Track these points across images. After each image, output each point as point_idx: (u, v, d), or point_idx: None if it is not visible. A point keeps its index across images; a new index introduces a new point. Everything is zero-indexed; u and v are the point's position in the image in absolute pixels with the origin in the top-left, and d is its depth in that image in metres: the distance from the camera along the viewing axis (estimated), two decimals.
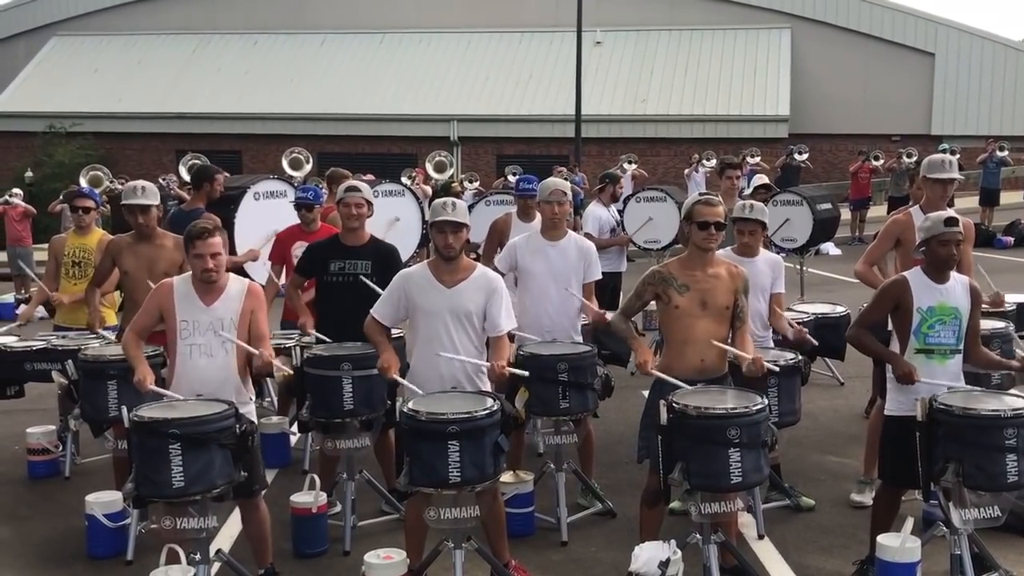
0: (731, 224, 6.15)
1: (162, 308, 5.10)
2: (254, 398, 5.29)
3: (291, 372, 5.77)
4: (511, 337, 5.19)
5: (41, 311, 8.05)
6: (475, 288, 5.18)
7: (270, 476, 6.78)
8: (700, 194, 5.25)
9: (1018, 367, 5.22)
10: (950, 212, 5.20)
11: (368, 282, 5.95)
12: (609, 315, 6.25)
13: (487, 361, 5.18)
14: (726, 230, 5.24)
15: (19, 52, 36.22)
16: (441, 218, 5.11)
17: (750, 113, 30.10)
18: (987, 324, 5.81)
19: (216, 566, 5.05)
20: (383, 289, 5.54)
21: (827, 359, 9.04)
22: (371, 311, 5.35)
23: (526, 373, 5.32)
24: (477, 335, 5.22)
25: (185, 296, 5.06)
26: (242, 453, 4.64)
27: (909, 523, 4.80)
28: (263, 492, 5.14)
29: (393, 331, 5.61)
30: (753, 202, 6.36)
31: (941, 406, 4.64)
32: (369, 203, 6.28)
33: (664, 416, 4.56)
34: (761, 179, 10.72)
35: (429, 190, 17.44)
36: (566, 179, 12.67)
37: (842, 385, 9.25)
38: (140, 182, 6.65)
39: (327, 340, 6.11)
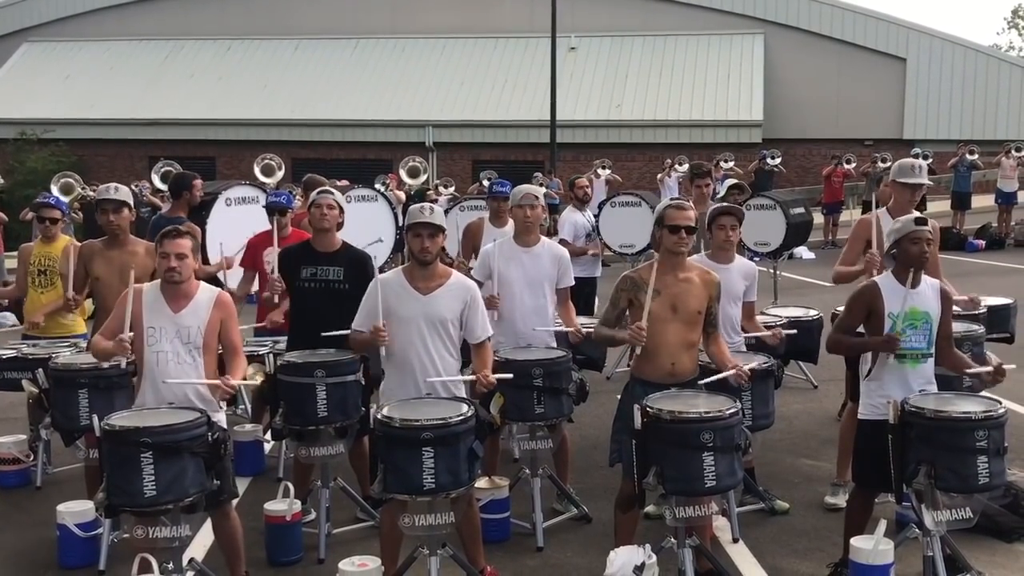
0: (702, 230, 6.18)
1: (131, 313, 5.05)
2: (225, 406, 5.24)
3: (258, 384, 5.77)
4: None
5: (12, 319, 7.98)
6: (451, 295, 5.15)
7: (244, 484, 6.75)
8: (672, 199, 5.29)
9: (990, 374, 5.21)
10: (918, 213, 5.26)
11: None
12: (585, 329, 6.27)
13: (469, 374, 5.16)
14: (698, 237, 5.27)
15: None
16: (417, 220, 5.08)
17: (724, 118, 30.20)
18: (959, 327, 5.86)
19: (189, 575, 5.01)
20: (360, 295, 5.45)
21: (800, 363, 9.08)
22: (352, 327, 5.28)
23: (510, 376, 5.31)
24: (453, 342, 5.19)
25: (153, 302, 5.01)
26: (215, 461, 4.61)
27: (882, 525, 4.82)
28: (233, 501, 5.11)
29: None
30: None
31: (913, 409, 4.67)
32: (341, 208, 6.25)
33: (638, 420, 4.57)
34: (733, 180, 10.78)
35: (403, 196, 17.35)
36: (541, 184, 12.70)
37: (815, 388, 9.28)
38: (114, 184, 6.66)
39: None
